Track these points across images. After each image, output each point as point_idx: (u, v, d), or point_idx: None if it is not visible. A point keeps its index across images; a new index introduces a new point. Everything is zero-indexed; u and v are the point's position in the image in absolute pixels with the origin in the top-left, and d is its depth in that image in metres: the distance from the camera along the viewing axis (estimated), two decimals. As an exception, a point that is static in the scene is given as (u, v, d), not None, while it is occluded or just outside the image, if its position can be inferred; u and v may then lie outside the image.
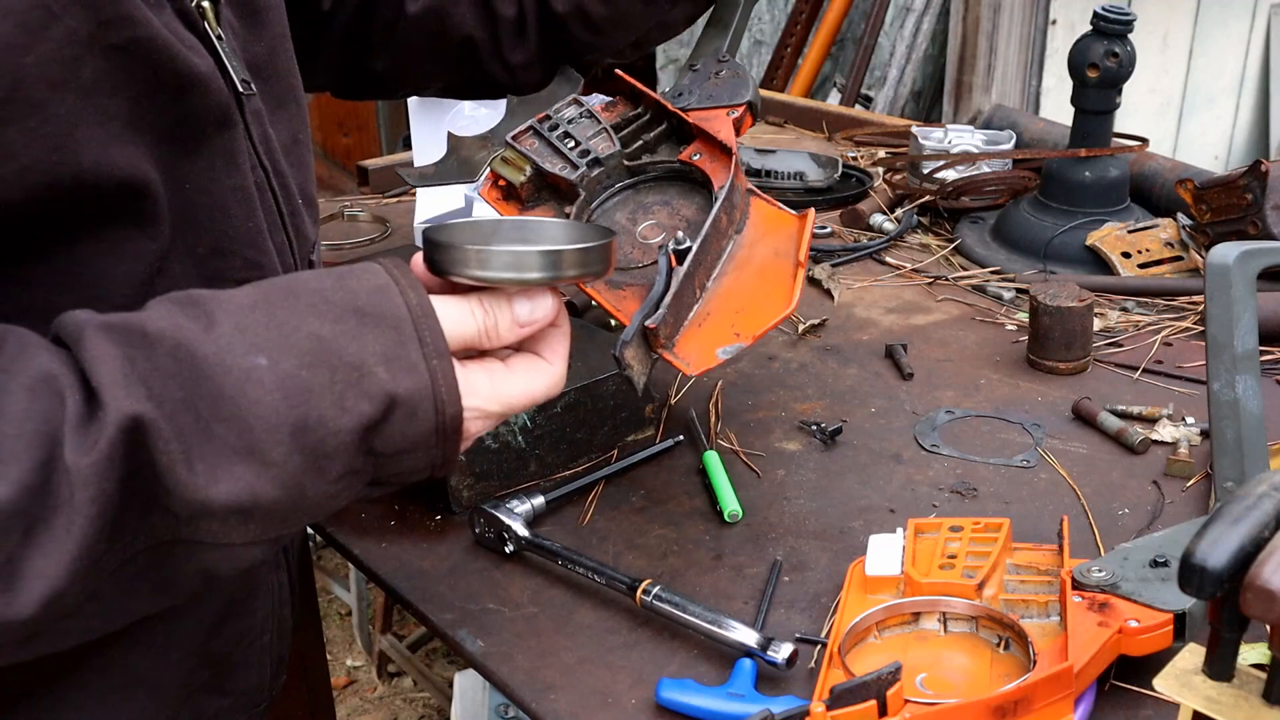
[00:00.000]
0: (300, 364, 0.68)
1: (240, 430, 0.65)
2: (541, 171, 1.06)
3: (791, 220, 1.00)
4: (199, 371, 0.65)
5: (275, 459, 0.66)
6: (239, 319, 0.68)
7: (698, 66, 1.15)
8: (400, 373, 0.70)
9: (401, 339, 0.71)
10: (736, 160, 1.01)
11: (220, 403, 0.65)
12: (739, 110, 1.08)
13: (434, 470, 0.75)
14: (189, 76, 0.74)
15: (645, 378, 0.93)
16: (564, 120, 1.09)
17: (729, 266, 0.98)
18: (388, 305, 0.71)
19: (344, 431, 0.68)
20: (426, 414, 0.71)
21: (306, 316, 0.70)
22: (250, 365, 0.66)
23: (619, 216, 1.07)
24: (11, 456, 0.60)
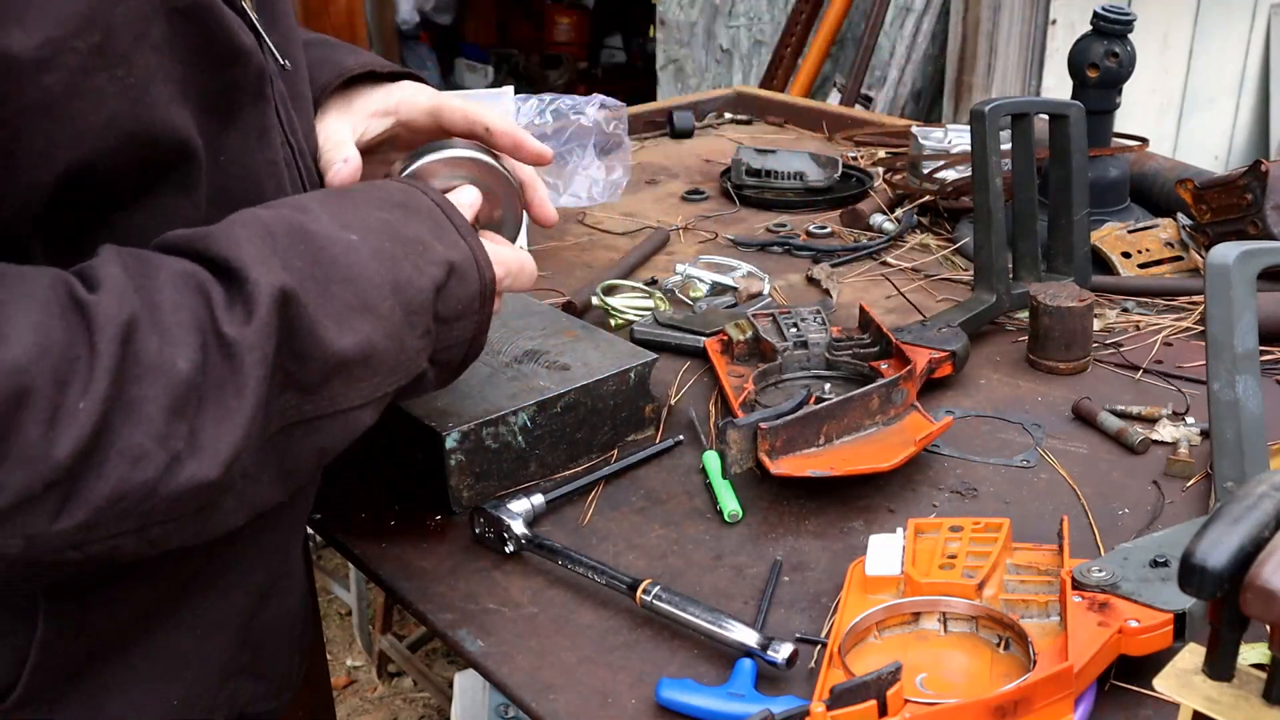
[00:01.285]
0: (381, 239, 0.81)
1: (355, 290, 0.77)
2: (758, 338, 1.37)
3: (930, 424, 1.20)
4: (314, 244, 0.77)
5: (384, 312, 0.79)
6: (323, 206, 0.81)
7: (927, 323, 1.41)
8: (449, 245, 0.85)
9: (438, 223, 0.86)
10: (914, 372, 1.24)
11: (334, 268, 0.77)
12: (941, 354, 1.33)
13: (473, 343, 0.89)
14: (235, 48, 0.79)
15: (739, 466, 1.14)
16: (799, 316, 1.41)
17: (862, 439, 1.18)
18: (418, 200, 0.87)
19: (425, 290, 0.82)
20: (473, 277, 0.86)
21: (367, 207, 0.83)
22: (348, 239, 0.79)
23: (798, 384, 1.33)
24: (179, 340, 0.68)
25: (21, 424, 0.63)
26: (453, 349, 0.87)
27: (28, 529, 0.65)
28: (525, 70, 6.35)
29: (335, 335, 0.75)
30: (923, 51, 3.67)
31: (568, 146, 1.84)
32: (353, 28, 4.27)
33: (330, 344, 0.75)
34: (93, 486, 0.66)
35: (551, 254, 1.79)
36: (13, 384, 0.62)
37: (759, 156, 2.06)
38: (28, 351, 0.63)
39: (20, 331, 0.63)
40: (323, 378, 0.76)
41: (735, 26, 4.28)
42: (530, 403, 1.16)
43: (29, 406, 0.63)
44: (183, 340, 0.69)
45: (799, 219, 1.94)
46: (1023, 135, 1.51)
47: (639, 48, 6.44)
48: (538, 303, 1.39)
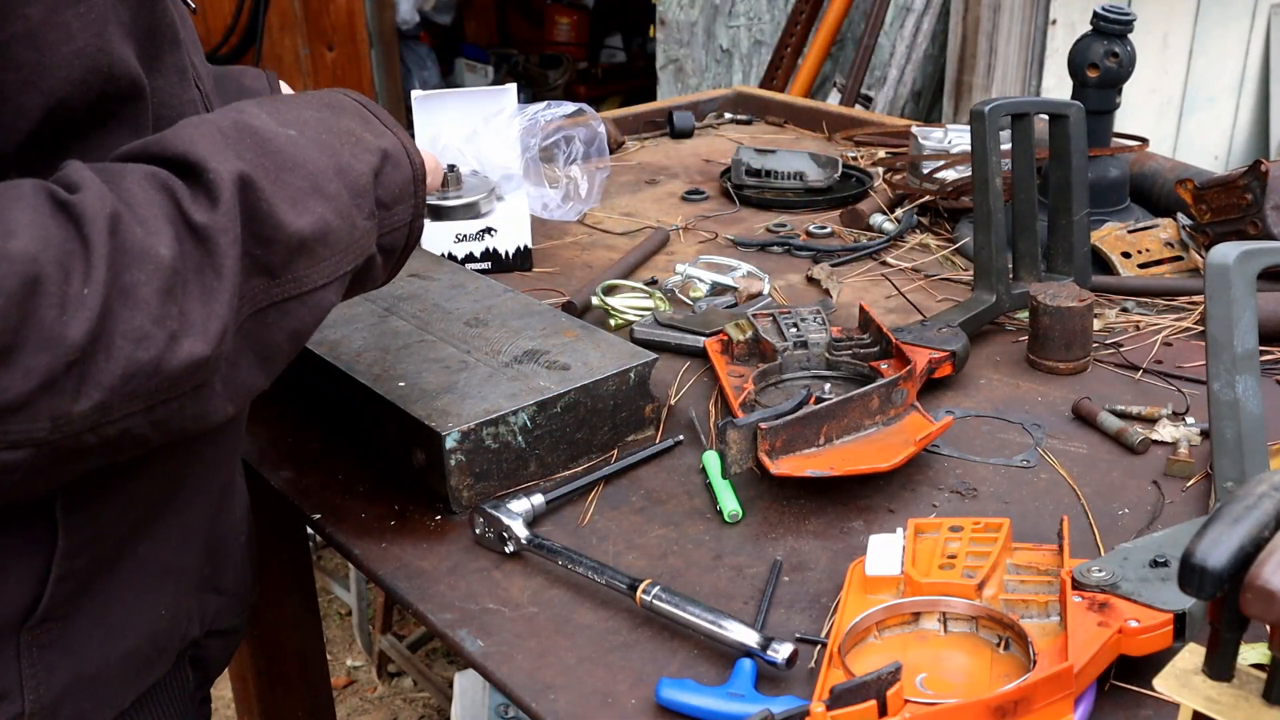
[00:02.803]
0: (318, 132, 0.86)
1: (303, 175, 0.82)
2: (758, 338, 1.37)
3: (931, 424, 1.20)
4: (259, 137, 0.81)
5: (332, 192, 0.84)
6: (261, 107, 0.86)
7: (927, 323, 1.41)
8: (378, 135, 0.91)
9: (365, 118, 0.92)
10: (914, 372, 1.24)
11: (282, 157, 0.82)
12: (941, 354, 1.33)
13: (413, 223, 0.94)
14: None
15: (739, 466, 1.13)
16: (799, 316, 1.41)
17: (862, 439, 1.18)
18: (343, 101, 0.93)
19: (364, 174, 0.87)
20: (405, 163, 0.92)
21: (301, 108, 0.89)
22: (288, 134, 0.84)
23: (798, 384, 1.33)
24: (157, 230, 0.73)
25: (38, 309, 0.67)
26: (395, 233, 0.92)
27: (53, 410, 0.69)
28: (525, 70, 6.35)
29: (293, 216, 0.80)
30: (923, 51, 3.67)
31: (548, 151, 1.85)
32: (353, 28, 4.27)
33: (289, 224, 0.80)
34: (104, 367, 0.70)
35: (551, 254, 1.79)
36: (26, 272, 0.66)
37: (759, 156, 2.06)
38: (33, 242, 0.67)
39: (22, 226, 0.68)
40: (286, 258, 0.81)
41: (735, 26, 4.28)
42: (530, 403, 1.16)
43: (42, 293, 0.67)
44: (160, 230, 0.73)
45: (799, 219, 1.94)
46: (1023, 135, 1.51)
47: (639, 48, 6.44)
48: (538, 303, 1.39)
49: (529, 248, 1.71)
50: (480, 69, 6.27)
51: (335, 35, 4.24)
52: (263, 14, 3.86)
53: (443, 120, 1.70)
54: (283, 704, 1.81)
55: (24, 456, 0.70)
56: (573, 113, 1.90)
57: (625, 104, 4.10)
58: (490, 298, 1.40)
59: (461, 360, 1.25)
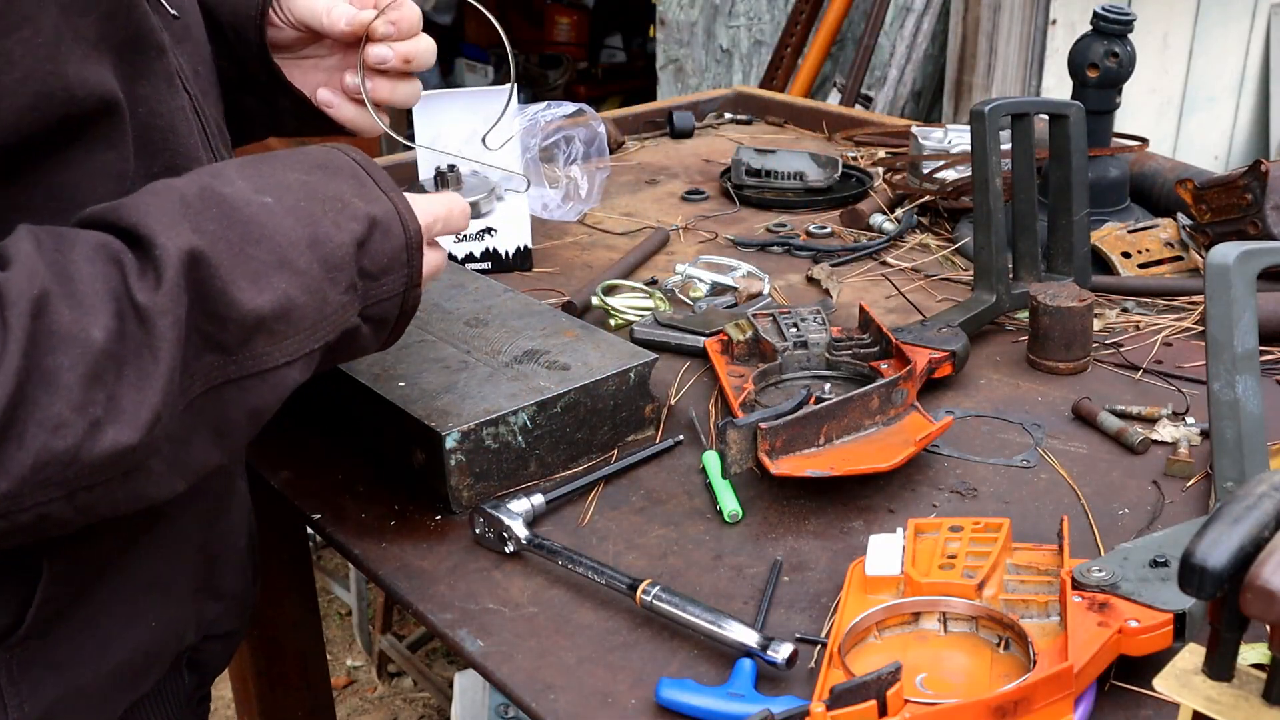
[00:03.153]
0: (298, 199, 0.82)
1: (270, 248, 0.79)
2: (758, 338, 1.37)
3: (931, 424, 1.20)
4: (227, 206, 0.78)
5: (301, 267, 0.80)
6: (240, 172, 0.82)
7: (927, 323, 1.41)
8: (370, 201, 0.87)
9: (360, 180, 0.88)
10: (914, 372, 1.24)
11: (249, 228, 0.78)
12: (941, 354, 1.33)
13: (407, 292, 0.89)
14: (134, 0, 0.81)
15: (739, 466, 1.13)
16: (799, 316, 1.41)
17: (862, 439, 1.18)
18: (338, 160, 0.89)
19: (345, 245, 0.83)
20: (397, 230, 0.88)
21: (286, 170, 0.85)
22: (262, 201, 0.80)
23: (798, 384, 1.32)
24: (94, 309, 0.71)
25: None
26: (385, 303, 0.89)
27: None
28: (525, 70, 6.35)
29: (251, 294, 0.77)
30: (923, 51, 3.66)
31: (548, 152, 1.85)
32: (353, 28, 4.26)
33: (245, 303, 0.77)
34: (14, 456, 0.68)
35: (551, 254, 1.79)
36: None
37: (759, 156, 2.06)
38: None
39: None
40: (243, 337, 0.78)
41: (735, 26, 4.28)
42: (530, 403, 1.16)
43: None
44: (98, 309, 0.71)
45: (799, 219, 1.94)
46: (1023, 135, 1.51)
47: (639, 48, 6.44)
48: (538, 303, 1.39)
49: (529, 248, 1.71)
50: (480, 69, 6.27)
51: (335, 35, 4.23)
52: (263, 14, 3.86)
53: (443, 120, 1.70)
54: (283, 704, 1.81)
55: None
56: (573, 113, 1.90)
57: (625, 104, 4.10)
58: (490, 298, 1.40)
59: (461, 360, 1.25)
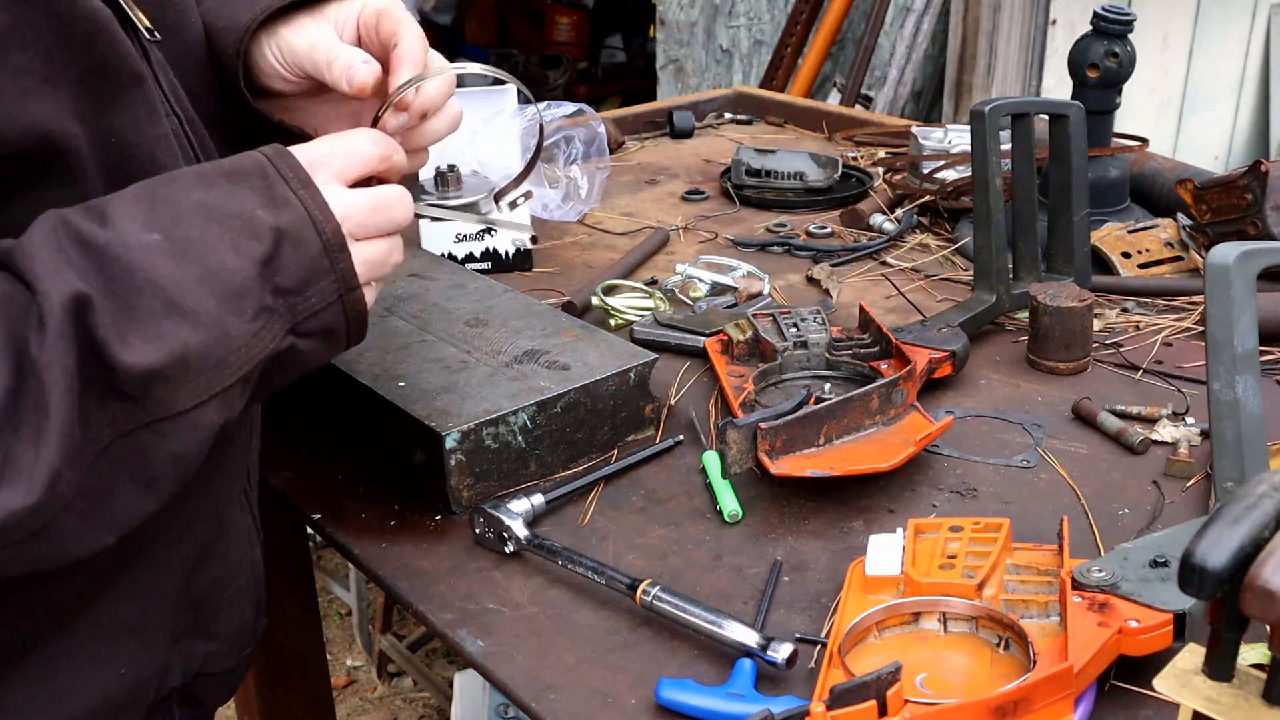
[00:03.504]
0: (190, 227, 0.76)
1: (155, 293, 0.73)
2: (758, 338, 1.37)
3: (931, 424, 1.20)
4: (106, 256, 0.73)
5: (191, 307, 0.74)
6: (128, 208, 0.76)
7: (927, 323, 1.40)
8: (277, 210, 0.79)
9: (268, 182, 0.80)
10: (914, 372, 1.24)
11: (132, 275, 0.73)
12: (941, 354, 1.33)
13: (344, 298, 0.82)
14: (93, 22, 0.76)
15: (739, 466, 1.13)
16: (799, 316, 1.40)
17: (862, 439, 1.18)
18: (247, 160, 0.82)
19: (244, 269, 0.77)
20: (310, 237, 0.80)
21: (186, 191, 0.78)
22: (147, 241, 0.75)
23: (798, 384, 1.32)
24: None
25: None
26: (320, 315, 0.81)
27: None
28: (525, 70, 6.35)
29: (138, 346, 0.72)
30: (923, 51, 3.66)
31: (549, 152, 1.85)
32: (353, 28, 4.26)
33: (134, 356, 0.72)
34: None
35: (551, 254, 1.79)
36: None
37: (759, 156, 2.06)
38: None
39: None
40: (140, 387, 0.73)
41: (735, 26, 4.27)
42: (530, 403, 1.16)
43: None
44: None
45: (799, 219, 1.94)
46: (1023, 135, 1.51)
47: (639, 48, 6.44)
48: (538, 303, 1.39)
49: (529, 248, 1.71)
50: (480, 69, 6.26)
51: (335, 35, 4.23)
52: (263, 14, 3.86)
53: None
54: (283, 704, 1.81)
55: None
56: (573, 113, 1.90)
57: (625, 104, 4.10)
58: (490, 298, 1.40)
59: (461, 360, 1.25)
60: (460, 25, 6.48)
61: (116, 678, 0.89)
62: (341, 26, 0.98)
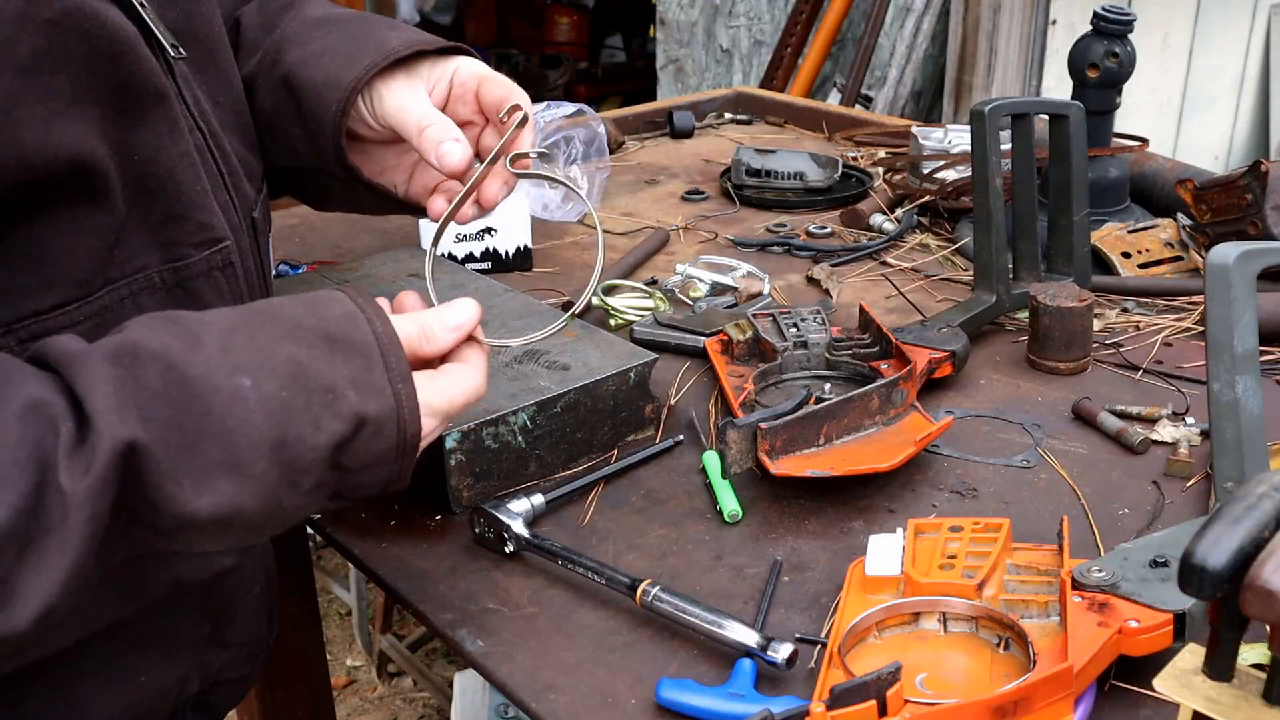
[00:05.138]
0: (280, 386, 0.73)
1: (225, 446, 0.70)
2: (758, 338, 1.36)
3: (930, 424, 1.20)
4: (188, 391, 0.70)
5: (256, 473, 0.71)
6: (223, 341, 0.73)
7: (927, 323, 1.40)
8: (369, 396, 0.77)
9: (369, 364, 0.78)
10: (914, 372, 1.24)
11: (208, 420, 0.70)
12: (941, 355, 1.33)
13: (389, 485, 0.81)
14: (120, 42, 0.76)
15: (739, 466, 1.13)
16: (799, 316, 1.40)
17: (862, 439, 1.18)
18: (356, 333, 0.78)
19: (319, 448, 0.74)
20: (390, 433, 0.78)
21: (284, 341, 0.75)
22: (236, 385, 0.72)
23: (798, 384, 1.32)
24: (7, 482, 0.64)
25: None
26: (360, 490, 0.80)
27: None
28: (525, 70, 6.35)
29: (190, 495, 0.70)
30: (923, 51, 3.67)
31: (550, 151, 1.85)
32: (353, 28, 4.26)
33: (182, 504, 0.70)
34: None
35: (551, 254, 1.79)
36: None
37: (759, 156, 2.06)
38: None
39: None
40: (175, 529, 0.71)
41: (735, 26, 4.28)
42: (530, 403, 1.16)
43: None
44: (12, 483, 0.64)
45: (799, 219, 1.94)
46: (1023, 135, 1.51)
47: (639, 48, 6.44)
48: (538, 303, 1.39)
49: (529, 248, 1.71)
50: (480, 69, 6.26)
51: (335, 35, 4.23)
52: (263, 14, 3.86)
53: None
54: (283, 704, 1.81)
55: None
56: (573, 113, 1.90)
57: (625, 104, 4.11)
58: (490, 298, 1.40)
59: (461, 360, 1.24)
60: (460, 25, 6.48)
61: (138, 687, 0.89)
62: (433, 85, 0.99)
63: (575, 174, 1.87)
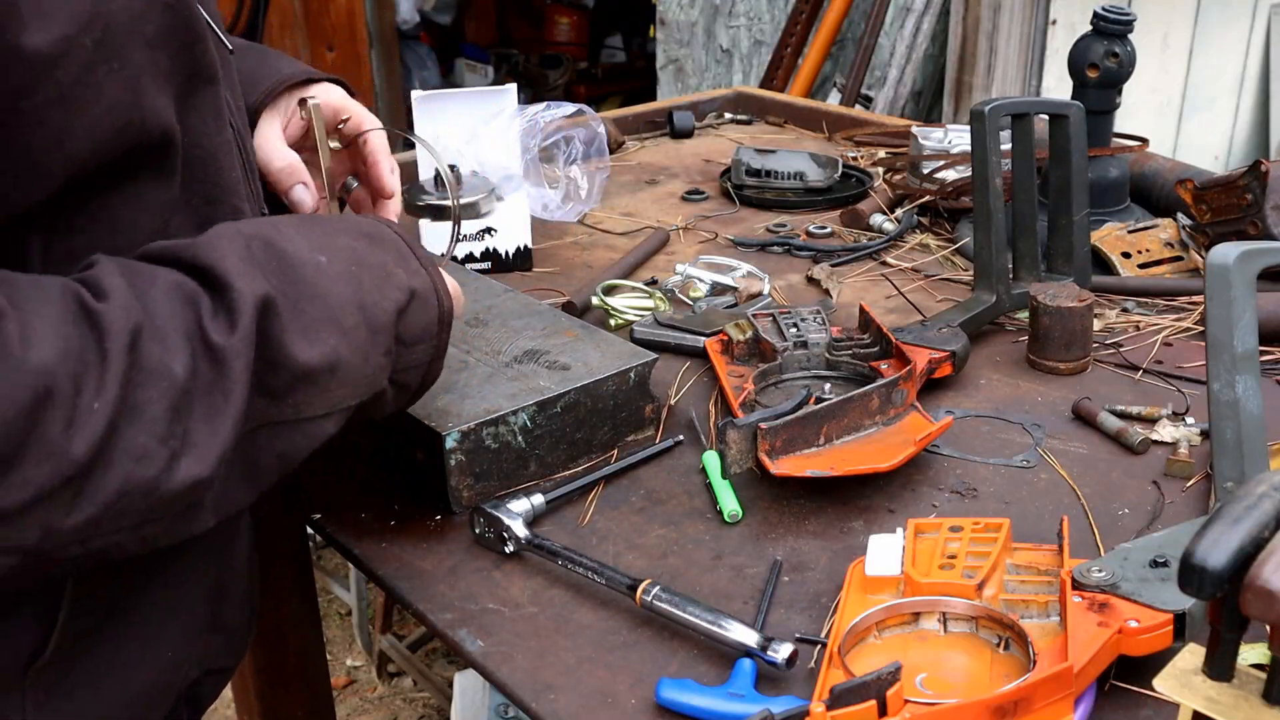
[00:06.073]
0: (348, 263, 0.86)
1: (323, 306, 0.82)
2: (758, 338, 1.37)
3: (930, 424, 1.20)
4: (285, 261, 0.82)
5: (349, 326, 0.83)
6: (296, 228, 0.86)
7: (927, 323, 1.40)
8: (412, 274, 0.90)
9: (402, 254, 0.91)
10: (914, 372, 1.24)
11: (304, 285, 0.81)
12: (941, 355, 1.33)
13: (432, 367, 0.93)
14: (201, 30, 0.83)
15: (739, 466, 1.13)
16: (799, 316, 1.40)
17: (862, 439, 1.19)
18: (383, 231, 0.93)
19: (388, 312, 0.87)
20: (433, 304, 0.91)
21: (336, 234, 0.88)
22: (317, 260, 0.84)
23: (798, 384, 1.32)
24: (174, 347, 0.73)
25: (45, 422, 0.67)
26: (411, 371, 0.92)
27: (45, 521, 0.69)
28: (525, 70, 6.35)
29: (304, 347, 0.80)
30: (923, 51, 3.66)
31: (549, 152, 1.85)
32: (353, 28, 4.27)
33: (299, 354, 0.80)
34: (102, 484, 0.70)
35: (551, 254, 1.79)
36: (40, 385, 0.67)
37: (759, 156, 2.06)
38: (52, 354, 0.67)
39: (44, 335, 0.68)
40: (290, 386, 0.80)
41: (735, 26, 4.27)
42: (530, 403, 1.16)
43: (52, 406, 0.67)
44: (178, 347, 0.73)
45: (799, 219, 1.94)
46: (1023, 135, 1.51)
47: (639, 48, 6.44)
48: (538, 303, 1.39)
49: (529, 248, 1.71)
50: (480, 69, 6.27)
51: (335, 35, 4.24)
52: (263, 14, 3.86)
53: (443, 120, 1.70)
54: (283, 704, 1.81)
55: (8, 563, 0.69)
56: (572, 113, 1.90)
57: (625, 104, 4.10)
58: (490, 298, 1.40)
59: (461, 360, 1.25)
60: (460, 25, 6.48)
61: (164, 659, 0.94)
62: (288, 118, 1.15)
63: (575, 174, 1.87)
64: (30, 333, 0.67)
